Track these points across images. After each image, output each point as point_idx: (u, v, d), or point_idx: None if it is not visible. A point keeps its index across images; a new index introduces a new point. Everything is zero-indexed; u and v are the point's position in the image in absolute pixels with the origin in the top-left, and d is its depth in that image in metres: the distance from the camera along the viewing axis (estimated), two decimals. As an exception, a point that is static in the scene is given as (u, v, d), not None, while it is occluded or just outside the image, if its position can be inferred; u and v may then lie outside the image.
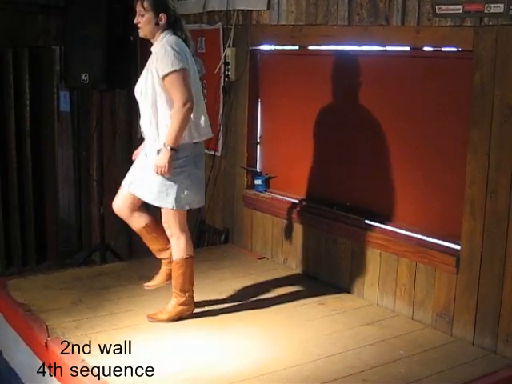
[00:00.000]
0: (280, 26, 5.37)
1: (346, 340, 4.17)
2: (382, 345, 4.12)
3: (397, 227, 4.71)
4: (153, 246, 4.68)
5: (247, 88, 5.79)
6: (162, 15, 4.24)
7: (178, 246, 4.42)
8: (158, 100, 4.21)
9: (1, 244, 7.15)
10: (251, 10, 5.63)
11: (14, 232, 7.25)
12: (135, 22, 4.29)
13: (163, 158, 4.13)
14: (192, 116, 4.20)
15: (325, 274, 5.18)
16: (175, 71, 4.09)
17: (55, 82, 7.38)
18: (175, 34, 4.29)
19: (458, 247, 4.26)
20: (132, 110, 7.28)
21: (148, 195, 4.35)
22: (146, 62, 4.33)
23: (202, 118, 4.38)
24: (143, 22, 4.25)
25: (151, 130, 4.28)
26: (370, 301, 4.82)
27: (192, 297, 4.47)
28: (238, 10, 5.73)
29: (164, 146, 4.13)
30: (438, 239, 4.45)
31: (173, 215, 4.36)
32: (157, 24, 4.25)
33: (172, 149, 4.12)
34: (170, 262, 4.55)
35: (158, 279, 4.69)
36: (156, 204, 4.34)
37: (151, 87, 4.20)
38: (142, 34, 4.32)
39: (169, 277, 4.59)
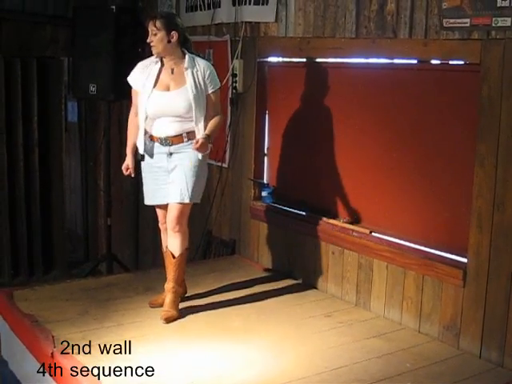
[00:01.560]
0: (288, 39, 5.39)
1: (353, 352, 4.16)
2: (388, 358, 4.11)
3: (403, 240, 4.71)
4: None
5: (255, 100, 5.80)
6: (174, 33, 4.55)
7: (184, 237, 4.68)
8: (204, 110, 4.64)
9: (8, 254, 7.15)
10: (259, 23, 5.65)
11: (20, 242, 7.25)
12: (148, 41, 4.58)
13: (207, 143, 4.53)
14: None
15: (331, 287, 5.18)
16: (219, 89, 4.74)
17: (63, 92, 7.39)
18: (192, 53, 4.69)
19: (464, 260, 4.25)
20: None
21: (185, 194, 4.60)
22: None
23: None
24: (156, 40, 4.55)
25: (200, 133, 4.59)
26: (376, 313, 4.81)
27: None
28: (245, 22, 5.75)
29: (207, 135, 4.54)
30: (445, 252, 4.44)
31: (189, 209, 4.67)
32: (169, 42, 4.55)
33: (208, 139, 4.56)
34: (181, 285, 4.79)
35: (163, 299, 4.75)
36: (186, 200, 4.60)
37: (202, 100, 4.62)
38: (155, 51, 4.61)
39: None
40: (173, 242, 4.68)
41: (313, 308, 4.89)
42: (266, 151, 5.91)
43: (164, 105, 4.62)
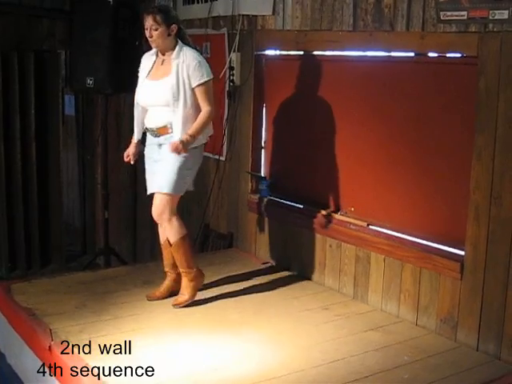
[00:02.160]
0: (285, 32, 5.38)
1: (350, 345, 4.16)
2: (385, 350, 4.11)
3: (401, 233, 4.71)
4: (167, 260, 4.87)
5: (252, 93, 5.79)
6: (174, 27, 4.58)
7: (172, 227, 4.69)
8: (189, 105, 4.58)
9: (5, 247, 7.16)
10: (256, 16, 5.64)
11: (18, 235, 7.26)
12: (148, 36, 4.58)
13: (187, 142, 4.49)
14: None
15: (329, 279, 5.18)
16: (207, 81, 4.58)
17: (60, 85, 7.39)
18: (185, 43, 4.64)
19: (462, 253, 4.26)
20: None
21: (163, 184, 4.61)
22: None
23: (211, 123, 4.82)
24: (156, 35, 4.55)
25: (180, 130, 4.56)
26: (374, 306, 4.82)
27: (198, 268, 4.82)
28: (243, 15, 5.74)
29: (190, 135, 4.50)
30: (442, 245, 4.44)
31: (171, 200, 4.63)
32: (169, 35, 4.56)
33: (188, 139, 4.49)
34: (175, 280, 4.84)
35: (161, 292, 4.84)
36: (167, 191, 4.59)
37: (183, 93, 4.56)
38: (154, 45, 4.63)
39: (170, 292, 4.83)
40: (166, 232, 4.75)
41: (310, 301, 4.89)
42: (263, 144, 5.91)
43: (149, 94, 4.68)
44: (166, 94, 4.56)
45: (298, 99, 5.44)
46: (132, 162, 4.97)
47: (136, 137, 4.95)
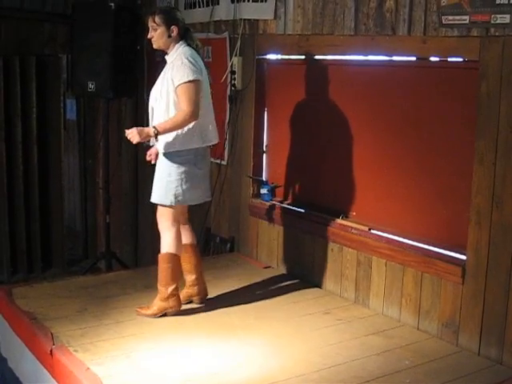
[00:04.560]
0: (286, 36, 5.38)
1: (352, 350, 4.16)
2: (387, 355, 4.11)
3: (402, 237, 4.71)
4: (186, 265, 4.83)
5: (253, 97, 5.79)
6: (174, 28, 4.54)
7: (164, 240, 4.65)
8: (171, 106, 4.46)
9: (7, 251, 7.15)
10: (258, 20, 5.64)
11: (19, 239, 7.26)
12: (149, 36, 4.59)
13: (145, 131, 4.42)
14: (199, 124, 4.52)
15: (330, 284, 5.18)
16: (189, 82, 4.39)
17: (62, 90, 7.39)
18: (188, 44, 4.59)
19: (463, 257, 4.26)
20: (138, 118, 7.30)
21: (152, 194, 4.61)
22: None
23: (210, 127, 4.68)
24: (156, 35, 4.56)
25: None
26: (375, 310, 4.82)
27: (175, 294, 4.63)
28: (244, 20, 5.74)
29: (153, 127, 4.40)
30: (444, 249, 4.44)
31: (166, 211, 4.59)
32: (169, 36, 4.55)
33: (156, 134, 4.38)
34: (193, 285, 4.83)
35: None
36: (155, 201, 4.60)
37: (165, 94, 4.48)
38: (155, 46, 4.63)
39: (187, 298, 4.82)
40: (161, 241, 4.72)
41: (311, 305, 4.89)
42: (264, 148, 5.91)
43: (150, 98, 4.68)
44: (156, 99, 4.56)
45: (299, 103, 5.44)
46: (153, 162, 4.84)
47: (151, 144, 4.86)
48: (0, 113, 6.91)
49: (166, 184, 4.53)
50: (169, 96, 4.46)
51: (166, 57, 4.64)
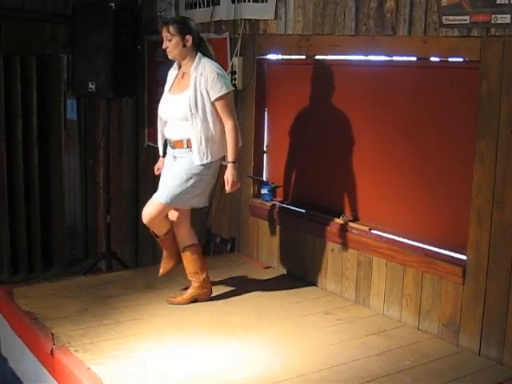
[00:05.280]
0: (287, 36, 5.38)
1: (352, 350, 4.16)
2: (388, 355, 4.11)
3: (403, 237, 4.70)
4: (188, 268, 4.92)
5: (254, 97, 5.79)
6: (188, 37, 4.58)
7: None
8: (209, 117, 4.59)
9: (7, 251, 7.16)
10: (258, 20, 5.64)
11: (20, 239, 7.26)
12: (164, 47, 4.63)
13: (235, 173, 4.67)
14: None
15: (331, 284, 5.18)
16: (226, 93, 4.58)
17: (62, 90, 7.39)
18: (205, 55, 4.66)
19: (464, 257, 4.25)
20: (139, 118, 7.30)
21: (161, 195, 4.67)
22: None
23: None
24: (171, 46, 4.60)
25: (197, 144, 4.59)
26: (375, 311, 4.82)
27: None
28: (245, 20, 5.74)
29: (231, 163, 4.64)
30: (445, 249, 4.43)
31: (159, 209, 4.67)
32: (184, 46, 4.59)
33: (234, 162, 4.64)
34: (199, 287, 4.90)
35: (182, 297, 4.88)
36: (160, 200, 4.64)
37: (201, 106, 4.56)
38: (170, 56, 4.68)
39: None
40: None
41: (312, 305, 4.89)
42: (265, 148, 5.91)
43: (168, 108, 4.73)
44: (184, 108, 4.58)
45: (299, 103, 5.44)
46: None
47: (161, 153, 4.98)
48: (0, 113, 6.91)
49: (185, 191, 4.65)
50: (205, 109, 4.56)
51: (185, 68, 4.68)
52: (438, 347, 4.27)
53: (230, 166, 4.63)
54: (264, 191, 5.79)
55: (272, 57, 5.73)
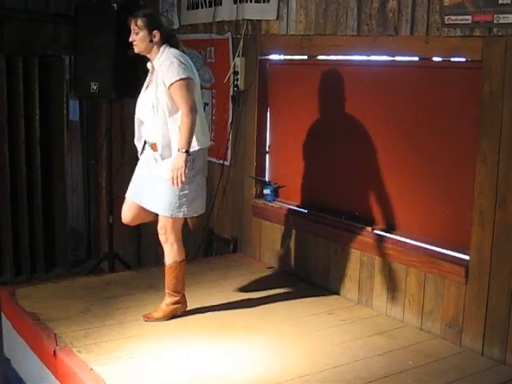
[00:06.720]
0: (289, 36, 5.38)
1: (355, 350, 4.16)
2: (390, 355, 4.11)
3: (406, 237, 4.70)
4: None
5: (256, 97, 5.79)
6: (156, 33, 4.41)
7: (172, 251, 4.53)
8: (171, 110, 4.33)
9: (10, 252, 7.16)
10: (260, 20, 5.64)
11: (22, 240, 7.27)
12: (130, 39, 4.46)
13: (180, 161, 4.22)
14: (198, 123, 4.34)
15: (333, 284, 5.18)
16: (181, 79, 4.27)
17: (65, 90, 7.39)
18: (172, 46, 4.45)
19: (467, 257, 4.25)
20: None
21: (158, 206, 4.47)
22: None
23: (206, 127, 4.64)
24: (138, 39, 4.44)
25: (163, 140, 4.38)
26: (378, 311, 4.81)
27: (184, 295, 4.62)
28: (247, 20, 5.73)
29: (178, 150, 4.23)
30: (447, 249, 4.43)
31: (173, 222, 4.48)
32: (151, 41, 4.42)
33: (186, 152, 4.22)
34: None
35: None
36: (167, 214, 4.44)
37: (163, 98, 4.33)
38: (136, 50, 4.49)
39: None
40: (165, 253, 4.59)
41: (315, 306, 4.88)
42: (267, 149, 5.91)
43: (138, 107, 4.59)
44: (148, 107, 4.43)
45: (301, 104, 5.44)
46: None
47: (140, 155, 4.73)
48: (3, 113, 6.92)
49: (179, 196, 4.40)
50: (166, 101, 4.32)
51: (151, 63, 4.51)
52: (440, 347, 4.26)
53: (176, 153, 4.25)
54: (266, 191, 5.79)
55: (274, 57, 5.73)
